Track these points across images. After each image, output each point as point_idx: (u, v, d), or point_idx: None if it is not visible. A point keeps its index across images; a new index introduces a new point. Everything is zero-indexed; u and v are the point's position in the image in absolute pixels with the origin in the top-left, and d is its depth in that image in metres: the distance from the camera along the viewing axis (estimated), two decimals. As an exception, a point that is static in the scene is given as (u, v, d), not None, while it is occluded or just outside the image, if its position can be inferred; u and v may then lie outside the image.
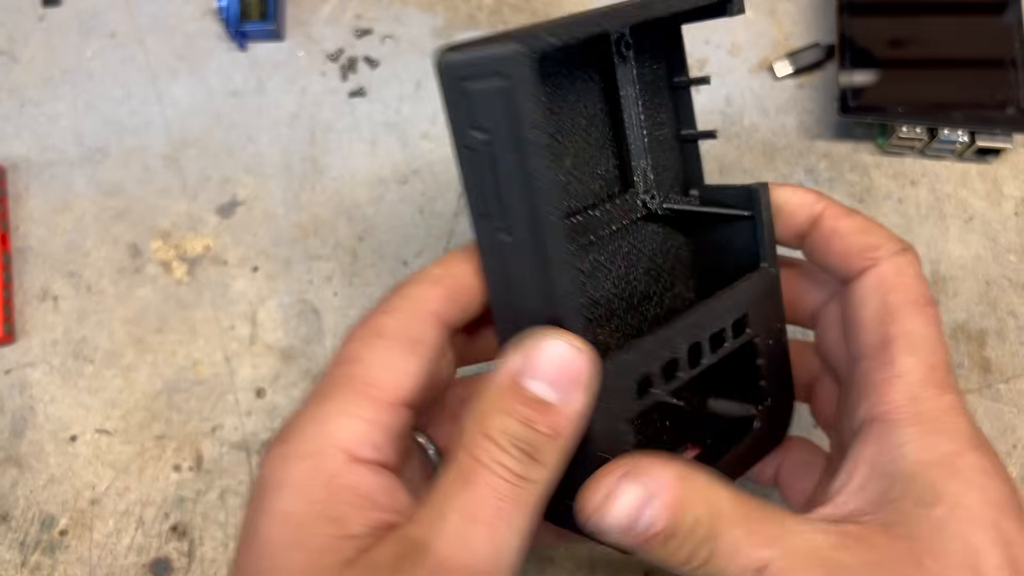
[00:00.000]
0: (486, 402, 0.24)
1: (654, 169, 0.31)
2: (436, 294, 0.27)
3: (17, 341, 0.42)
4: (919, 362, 0.26)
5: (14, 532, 0.39)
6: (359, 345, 0.26)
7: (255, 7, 0.45)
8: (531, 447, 0.24)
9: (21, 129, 0.45)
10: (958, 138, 0.42)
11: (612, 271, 0.31)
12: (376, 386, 0.25)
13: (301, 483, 0.24)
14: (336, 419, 0.25)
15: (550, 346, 0.24)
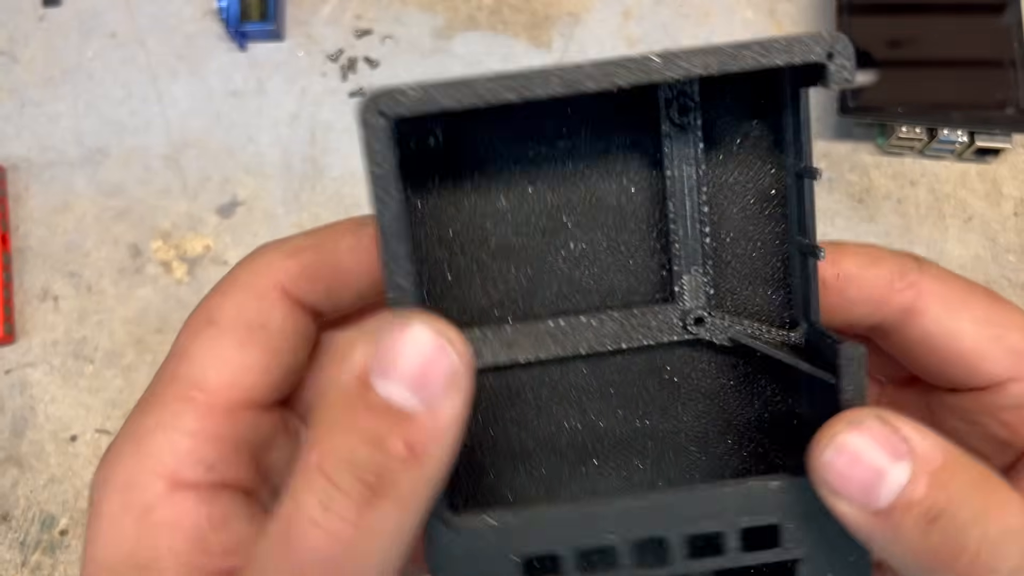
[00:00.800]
0: (324, 416, 0.18)
1: (716, 282, 0.23)
2: (288, 267, 0.21)
3: (17, 341, 0.42)
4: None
5: (14, 532, 0.39)
6: (189, 335, 0.21)
7: (255, 8, 0.45)
8: (374, 476, 0.17)
9: (21, 129, 0.45)
10: (957, 138, 0.42)
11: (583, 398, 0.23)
12: (203, 389, 0.20)
13: (111, 522, 0.20)
14: (153, 436, 0.20)
15: (411, 336, 0.17)
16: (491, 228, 0.22)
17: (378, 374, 0.17)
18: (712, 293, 0.23)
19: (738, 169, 0.22)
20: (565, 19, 0.47)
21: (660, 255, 0.23)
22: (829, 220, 0.43)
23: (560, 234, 0.22)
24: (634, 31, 0.47)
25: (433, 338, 0.18)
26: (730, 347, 0.23)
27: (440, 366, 0.18)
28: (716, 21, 0.47)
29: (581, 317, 0.22)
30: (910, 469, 0.18)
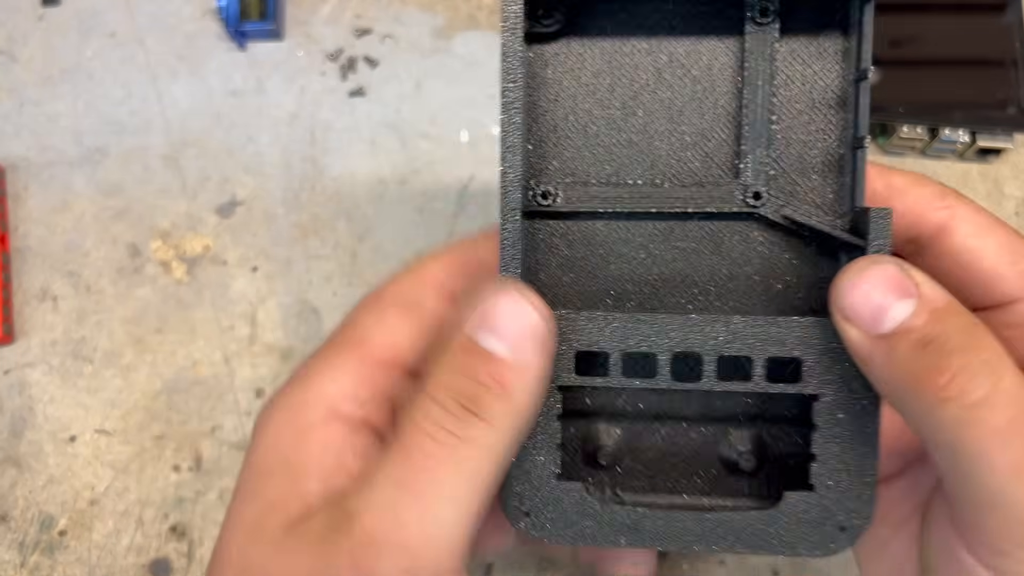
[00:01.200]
0: (436, 360, 0.23)
1: (779, 163, 0.26)
2: (442, 264, 0.27)
3: (16, 341, 0.42)
4: None
5: (13, 532, 0.39)
6: (359, 309, 0.26)
7: (255, 7, 0.45)
8: (471, 401, 0.22)
9: (20, 129, 0.45)
10: (959, 138, 0.42)
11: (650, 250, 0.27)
12: (366, 342, 0.25)
13: (277, 430, 0.24)
14: (323, 374, 0.25)
15: (504, 300, 0.22)
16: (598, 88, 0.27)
17: (478, 328, 0.22)
18: (771, 174, 0.26)
19: (808, 67, 0.26)
20: (565, 18, 0.47)
21: (732, 135, 0.26)
22: (830, 220, 0.43)
23: (655, 105, 0.27)
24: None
25: (522, 302, 0.22)
26: (783, 224, 0.26)
27: (527, 325, 0.22)
28: (717, 21, 0.47)
29: (657, 181, 0.26)
30: (915, 305, 0.21)
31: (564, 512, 0.25)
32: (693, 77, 0.26)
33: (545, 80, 0.27)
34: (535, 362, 0.22)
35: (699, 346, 0.24)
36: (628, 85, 0.27)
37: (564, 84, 0.27)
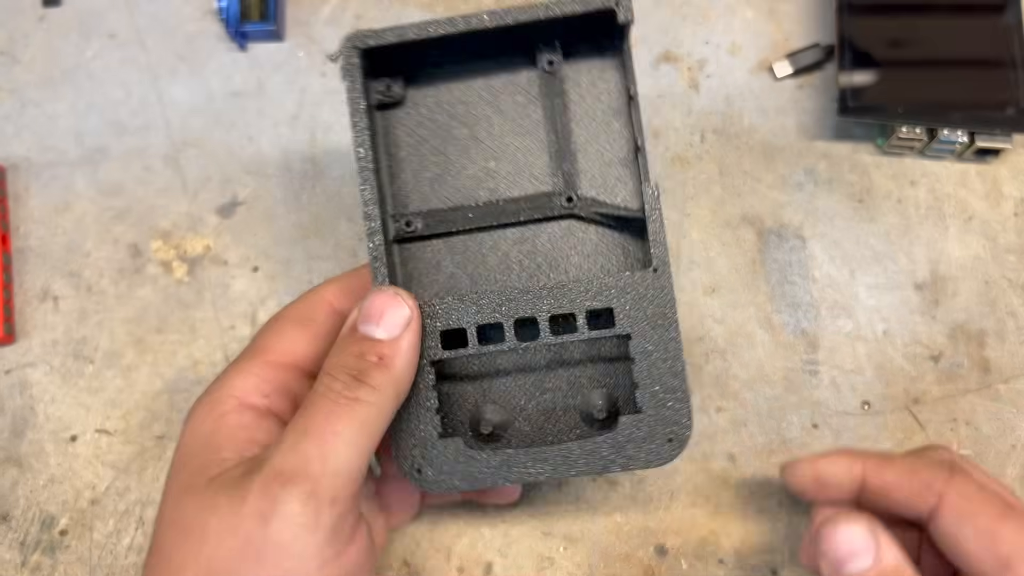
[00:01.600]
0: (332, 349, 0.30)
1: (586, 170, 0.33)
2: (332, 289, 0.34)
3: (17, 341, 0.42)
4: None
5: (14, 532, 0.39)
6: (265, 326, 0.33)
7: (255, 8, 0.45)
8: (359, 372, 0.28)
9: (21, 129, 0.45)
10: (958, 138, 0.42)
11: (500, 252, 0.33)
12: (268, 350, 0.32)
13: (199, 420, 0.30)
14: (234, 375, 0.31)
15: (378, 295, 0.30)
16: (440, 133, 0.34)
17: (361, 321, 0.30)
18: (577, 181, 0.33)
19: (596, 86, 0.33)
20: (565, 19, 0.47)
21: (546, 153, 0.33)
22: (829, 220, 0.43)
23: (488, 138, 0.34)
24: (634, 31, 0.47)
25: (392, 296, 0.30)
26: (595, 219, 0.33)
27: (397, 313, 0.29)
28: (716, 21, 0.47)
29: (495, 200, 0.33)
30: (870, 562, 0.27)
31: (449, 463, 0.31)
32: (513, 112, 0.33)
33: (397, 137, 0.33)
34: (406, 340, 0.29)
35: (533, 311, 0.31)
36: (465, 125, 0.33)
37: (413, 135, 0.33)
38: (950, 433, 0.40)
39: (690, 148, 0.44)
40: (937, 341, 0.41)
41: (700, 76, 0.46)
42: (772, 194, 0.44)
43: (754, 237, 0.43)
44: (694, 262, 0.43)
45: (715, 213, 0.43)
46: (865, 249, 0.43)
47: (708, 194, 0.44)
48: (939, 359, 0.41)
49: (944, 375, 0.41)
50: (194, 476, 0.28)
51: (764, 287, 0.42)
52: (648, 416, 0.31)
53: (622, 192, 0.33)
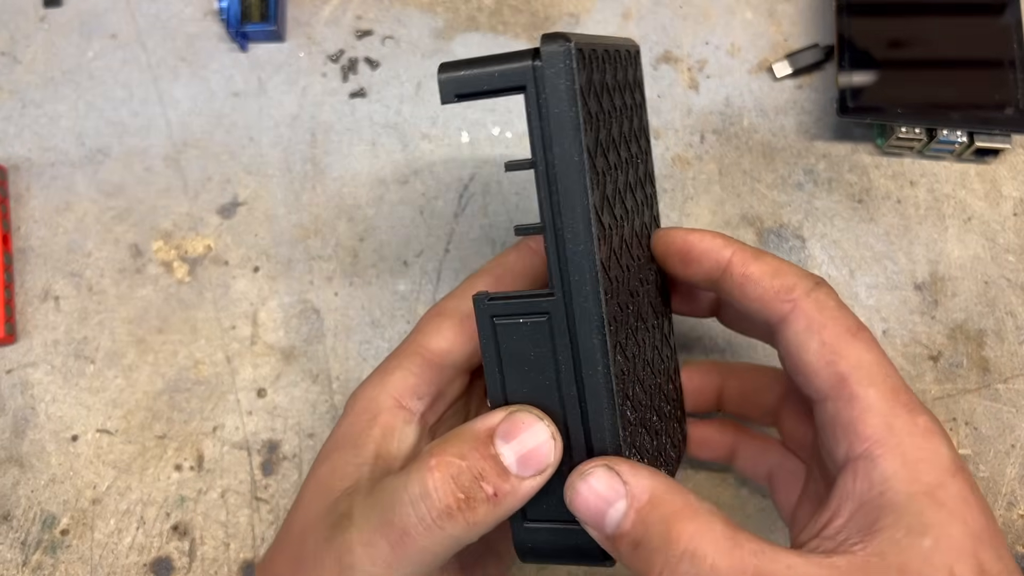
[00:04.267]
0: (457, 437, 0.27)
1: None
2: (486, 279, 0.32)
3: (18, 341, 0.42)
4: (880, 389, 0.27)
5: (15, 532, 0.39)
6: (423, 320, 0.32)
7: (256, 8, 0.45)
8: (465, 501, 0.25)
9: (22, 130, 0.45)
10: (957, 138, 0.42)
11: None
12: (428, 348, 0.31)
13: (355, 414, 0.31)
14: (394, 372, 0.31)
15: (536, 427, 0.26)
16: None
17: (501, 436, 0.26)
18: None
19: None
20: (565, 20, 0.47)
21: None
22: (829, 220, 0.43)
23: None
24: (634, 32, 0.47)
25: (548, 436, 0.26)
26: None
27: (541, 456, 0.26)
28: (716, 22, 0.47)
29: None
30: (624, 506, 0.25)
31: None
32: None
33: None
34: (532, 485, 0.26)
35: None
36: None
37: None
38: (949, 433, 0.40)
39: (690, 148, 0.44)
40: (936, 341, 0.41)
41: (700, 77, 0.46)
42: (771, 194, 0.44)
43: (754, 237, 0.43)
44: (694, 262, 0.43)
45: (715, 213, 0.43)
46: (864, 249, 0.43)
47: (708, 194, 0.44)
48: (938, 359, 0.41)
49: (943, 375, 0.41)
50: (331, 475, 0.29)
51: (764, 287, 0.42)
52: None
53: None
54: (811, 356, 0.28)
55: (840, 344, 0.27)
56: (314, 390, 0.41)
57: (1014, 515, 0.39)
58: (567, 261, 0.25)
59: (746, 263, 0.29)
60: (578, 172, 0.25)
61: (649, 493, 0.25)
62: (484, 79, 0.25)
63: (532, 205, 0.44)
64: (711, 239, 0.30)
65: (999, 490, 0.39)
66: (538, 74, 0.25)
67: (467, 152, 0.45)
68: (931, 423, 0.26)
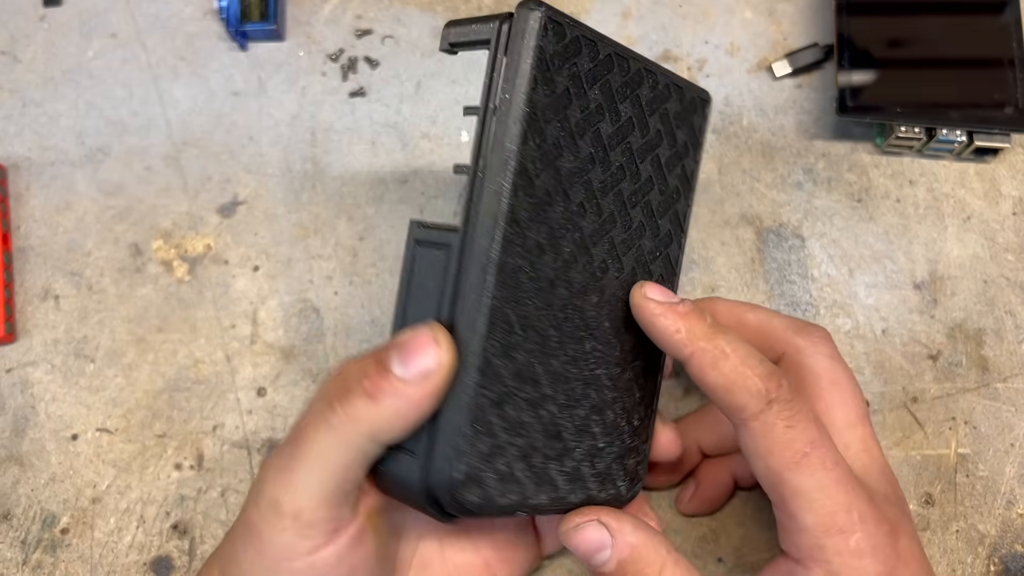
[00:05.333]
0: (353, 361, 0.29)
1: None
2: None
3: (18, 340, 0.42)
4: (816, 515, 0.28)
5: (15, 530, 0.39)
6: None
7: (256, 7, 0.45)
8: (345, 391, 0.27)
9: (22, 129, 0.45)
10: (956, 138, 0.42)
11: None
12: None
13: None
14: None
15: (422, 332, 0.27)
16: None
17: (393, 347, 0.27)
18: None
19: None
20: (565, 19, 0.47)
21: None
22: (828, 219, 0.43)
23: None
24: (633, 31, 0.47)
25: (430, 339, 0.27)
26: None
27: (425, 359, 0.27)
28: (715, 21, 0.47)
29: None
30: (609, 554, 0.29)
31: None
32: None
33: None
34: (416, 391, 0.27)
35: None
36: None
37: None
38: (948, 432, 0.40)
39: (689, 148, 0.44)
40: (936, 340, 0.41)
41: (699, 76, 0.46)
42: (771, 193, 0.44)
43: (753, 236, 0.43)
44: (693, 262, 0.43)
45: (714, 212, 0.43)
46: (864, 248, 0.43)
47: (707, 193, 0.44)
48: (938, 358, 0.41)
49: (943, 374, 0.41)
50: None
51: (763, 286, 0.42)
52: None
53: None
54: (759, 473, 0.30)
55: (781, 472, 0.29)
56: (314, 389, 0.41)
57: (1013, 514, 0.39)
58: (477, 199, 0.27)
59: (703, 370, 0.29)
60: (515, 120, 0.27)
61: (630, 549, 0.29)
62: (464, 32, 0.29)
63: (532, 204, 0.44)
64: (674, 329, 0.29)
65: (998, 489, 0.39)
66: (503, 30, 0.27)
67: (467, 151, 0.45)
68: (862, 543, 0.28)
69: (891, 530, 0.29)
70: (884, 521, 0.29)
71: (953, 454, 0.40)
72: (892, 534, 0.29)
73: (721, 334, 0.29)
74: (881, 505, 0.30)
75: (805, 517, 0.28)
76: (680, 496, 0.39)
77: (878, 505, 0.29)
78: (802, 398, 0.29)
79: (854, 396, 0.33)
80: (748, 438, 0.29)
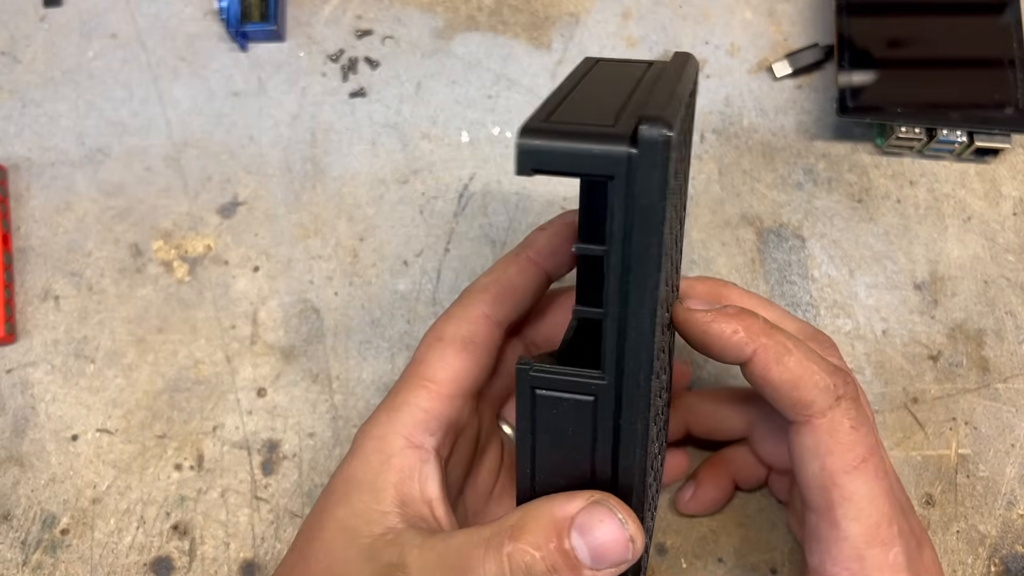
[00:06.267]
0: (535, 521, 0.26)
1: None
2: (485, 298, 0.31)
3: (19, 341, 0.42)
4: (862, 525, 0.27)
5: (15, 531, 0.39)
6: (424, 348, 0.31)
7: (256, 8, 0.45)
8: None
9: (23, 129, 0.45)
10: (957, 138, 0.42)
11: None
12: (435, 381, 0.30)
13: (365, 455, 0.29)
14: (401, 409, 0.30)
15: (611, 520, 0.25)
16: None
17: (577, 530, 0.25)
18: None
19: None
20: (565, 20, 0.47)
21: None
22: (828, 220, 0.43)
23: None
24: (634, 32, 0.47)
25: (622, 532, 0.25)
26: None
27: (617, 552, 0.25)
28: (715, 21, 0.47)
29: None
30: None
31: None
32: None
33: None
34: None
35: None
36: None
37: None
38: (949, 432, 0.40)
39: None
40: (936, 340, 0.41)
41: (700, 76, 0.46)
42: (771, 194, 0.44)
43: (753, 237, 0.43)
44: (694, 262, 0.43)
45: (715, 213, 0.43)
46: (864, 249, 0.43)
47: (707, 194, 0.44)
48: (938, 358, 0.41)
49: (943, 374, 0.41)
50: (355, 520, 0.28)
51: (763, 287, 0.42)
52: None
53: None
54: (809, 474, 0.28)
55: (838, 475, 0.28)
56: (314, 390, 0.41)
57: (1014, 515, 0.39)
58: (626, 350, 0.24)
59: (767, 367, 0.28)
60: (655, 267, 0.23)
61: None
62: (570, 158, 0.22)
63: (533, 205, 0.44)
64: (732, 331, 0.28)
65: (999, 490, 0.39)
66: (632, 164, 0.21)
67: (467, 152, 0.45)
68: (900, 558, 0.27)
69: (918, 544, 0.29)
70: (913, 534, 0.29)
71: (954, 455, 0.40)
72: (919, 547, 0.29)
73: (778, 330, 0.28)
74: (908, 516, 0.29)
75: (850, 526, 0.27)
76: (680, 496, 0.38)
77: (907, 517, 0.29)
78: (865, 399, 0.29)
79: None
80: (809, 436, 0.28)
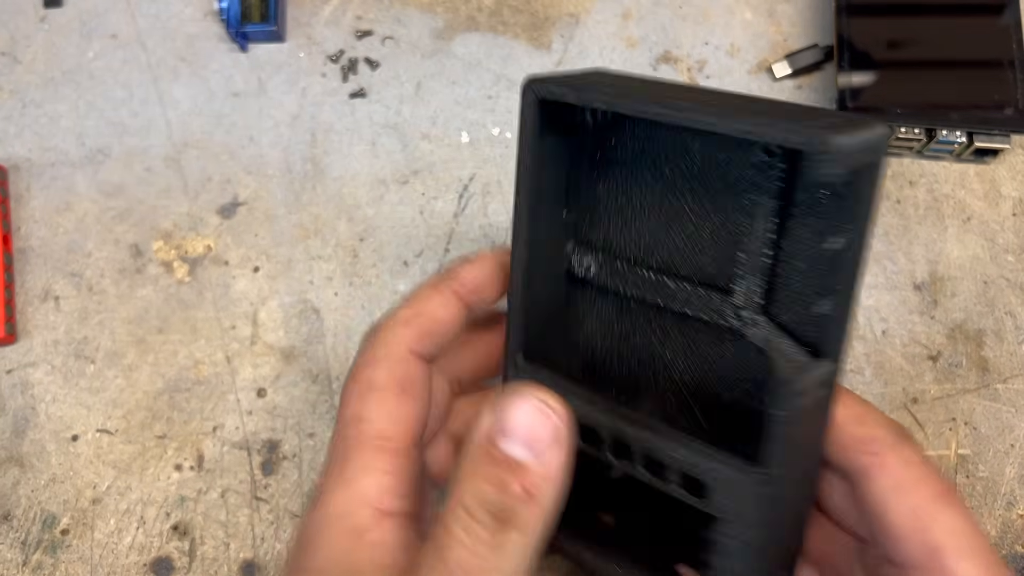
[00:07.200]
0: (463, 466, 0.24)
1: (769, 294, 0.27)
2: (408, 334, 0.29)
3: (19, 341, 0.42)
4: (975, 564, 0.24)
5: (16, 531, 0.39)
6: (358, 401, 0.28)
7: (256, 9, 0.45)
8: (504, 512, 0.23)
9: (23, 130, 0.45)
10: (956, 139, 0.42)
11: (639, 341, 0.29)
12: (387, 438, 0.27)
13: (328, 541, 0.26)
14: (361, 477, 0.26)
15: (522, 405, 0.24)
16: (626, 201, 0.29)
17: (499, 435, 0.24)
18: (758, 301, 0.27)
19: (805, 227, 0.25)
20: (565, 20, 0.47)
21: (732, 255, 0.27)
22: (828, 220, 0.43)
23: (677, 220, 0.28)
24: (634, 32, 0.47)
25: (539, 406, 0.24)
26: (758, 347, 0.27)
27: (545, 428, 0.24)
28: (715, 22, 0.47)
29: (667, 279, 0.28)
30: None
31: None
32: (712, 213, 0.28)
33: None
34: (558, 461, 0.24)
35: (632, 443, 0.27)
36: (662, 179, 0.28)
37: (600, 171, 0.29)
38: (949, 433, 0.40)
39: (689, 148, 0.44)
40: (936, 341, 0.41)
41: (700, 77, 0.46)
42: (771, 194, 0.44)
43: (753, 237, 0.43)
44: (693, 262, 0.43)
45: (714, 213, 0.44)
46: (864, 249, 0.43)
47: (707, 194, 0.44)
48: (938, 359, 0.41)
49: (943, 375, 0.41)
50: None
51: (763, 287, 0.42)
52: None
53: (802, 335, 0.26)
54: (900, 519, 0.25)
55: (933, 511, 0.25)
56: (314, 390, 0.41)
57: (1013, 515, 0.39)
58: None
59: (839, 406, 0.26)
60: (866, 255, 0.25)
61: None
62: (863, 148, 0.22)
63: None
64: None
65: (998, 490, 0.39)
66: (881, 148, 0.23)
67: (467, 152, 0.45)
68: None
69: None
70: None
71: (953, 455, 0.40)
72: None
73: None
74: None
75: (963, 566, 0.24)
76: None
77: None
78: None
79: None
80: (885, 476, 0.25)
